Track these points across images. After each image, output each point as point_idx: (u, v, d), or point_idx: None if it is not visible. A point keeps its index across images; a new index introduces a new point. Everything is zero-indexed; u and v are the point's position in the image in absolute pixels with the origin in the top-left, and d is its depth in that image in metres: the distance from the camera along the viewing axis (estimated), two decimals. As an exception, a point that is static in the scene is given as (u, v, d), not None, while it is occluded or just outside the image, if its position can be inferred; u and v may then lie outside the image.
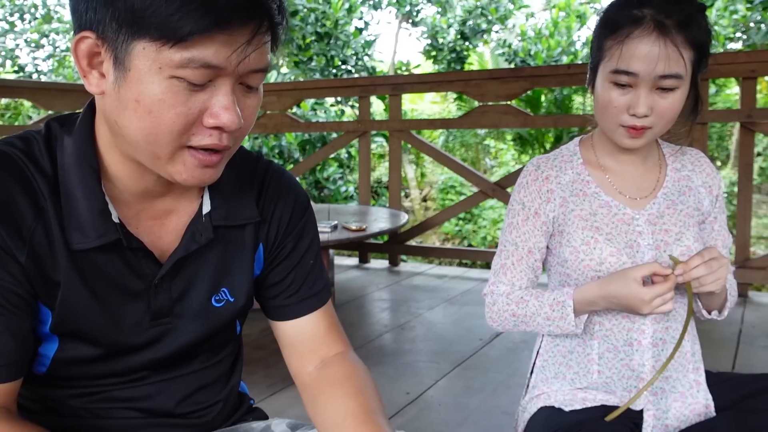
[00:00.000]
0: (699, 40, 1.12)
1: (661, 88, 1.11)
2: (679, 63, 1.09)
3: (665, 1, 1.11)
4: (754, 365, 2.50)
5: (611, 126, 1.18)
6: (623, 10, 1.14)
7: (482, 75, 4.15)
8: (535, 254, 1.27)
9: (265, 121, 4.60)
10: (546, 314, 1.21)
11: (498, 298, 1.27)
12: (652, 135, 1.17)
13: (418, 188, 11.20)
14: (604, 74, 1.16)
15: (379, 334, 2.97)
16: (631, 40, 1.10)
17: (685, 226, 1.24)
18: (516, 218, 1.27)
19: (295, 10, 8.19)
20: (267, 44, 0.74)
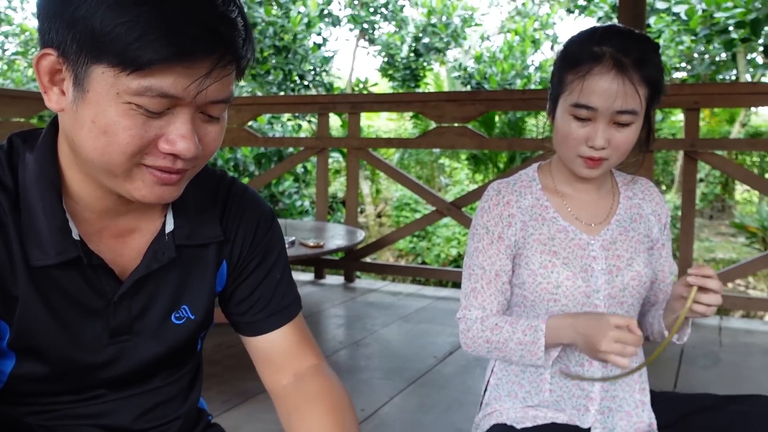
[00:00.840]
0: (653, 78, 1.18)
1: (617, 122, 1.17)
2: (635, 99, 1.15)
3: (624, 40, 1.17)
4: (695, 384, 2.61)
5: (570, 156, 1.23)
6: (584, 47, 1.19)
7: (440, 97, 4.25)
8: (502, 277, 1.29)
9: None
10: (518, 339, 1.22)
11: (472, 324, 1.28)
12: (608, 166, 1.22)
13: (373, 204, 11.26)
14: (564, 107, 1.21)
15: (335, 350, 2.98)
16: (591, 76, 1.16)
17: (636, 252, 1.30)
18: (481, 242, 1.29)
19: (253, 22, 8.19)
20: (230, 76, 0.74)
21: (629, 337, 1.11)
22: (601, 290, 1.25)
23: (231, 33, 0.71)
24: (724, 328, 3.41)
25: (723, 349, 3.06)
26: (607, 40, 1.18)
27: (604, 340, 1.11)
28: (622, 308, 1.28)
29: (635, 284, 1.28)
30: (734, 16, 5.85)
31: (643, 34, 1.24)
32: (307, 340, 1.01)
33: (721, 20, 6.15)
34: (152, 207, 0.86)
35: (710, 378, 2.69)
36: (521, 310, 1.32)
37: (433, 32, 10.06)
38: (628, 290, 1.27)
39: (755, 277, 8.25)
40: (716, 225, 10.95)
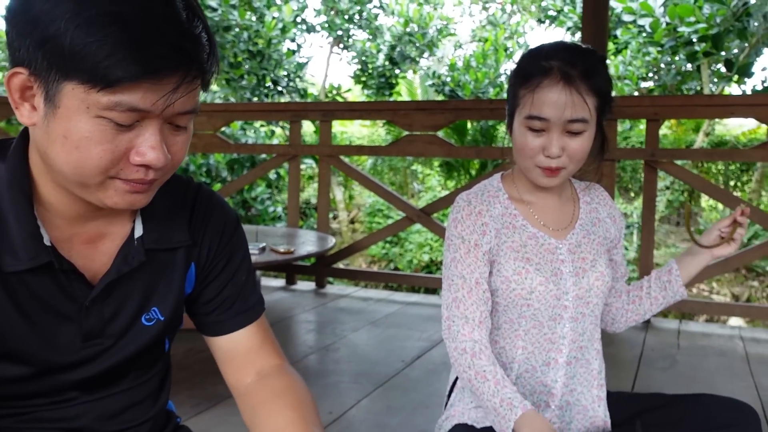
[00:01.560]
0: (601, 88, 1.26)
1: (570, 131, 1.23)
2: (584, 108, 1.22)
3: (570, 54, 1.26)
4: (652, 385, 2.71)
5: (528, 166, 1.29)
6: (533, 62, 1.27)
7: (410, 106, 4.32)
8: (482, 284, 1.31)
9: (195, 141, 4.59)
10: (494, 405, 1.21)
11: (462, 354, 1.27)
12: (566, 174, 1.29)
13: (346, 210, 11.30)
14: (519, 120, 1.28)
15: (304, 355, 3.02)
16: (541, 89, 1.23)
17: (597, 253, 1.37)
18: (458, 252, 1.31)
19: (228, 26, 8.18)
20: (196, 89, 0.77)
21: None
22: (570, 292, 1.31)
23: (196, 49, 0.74)
24: (683, 331, 3.53)
25: (680, 352, 3.17)
26: (554, 55, 1.25)
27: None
28: (588, 308, 1.34)
29: (599, 284, 1.35)
30: (697, 30, 6.02)
31: (589, 48, 1.32)
32: (270, 341, 1.05)
33: (685, 34, 6.33)
34: (121, 213, 0.89)
35: (667, 379, 2.79)
36: (493, 314, 1.36)
37: (410, 41, 10.15)
38: (594, 290, 1.34)
39: (718, 282, 8.47)
40: (683, 232, 11.17)
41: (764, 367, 2.95)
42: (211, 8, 7.84)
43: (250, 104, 4.65)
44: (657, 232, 10.33)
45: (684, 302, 3.68)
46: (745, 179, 11.35)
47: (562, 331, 1.32)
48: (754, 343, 3.34)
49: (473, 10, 12.96)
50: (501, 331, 1.34)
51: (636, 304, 1.48)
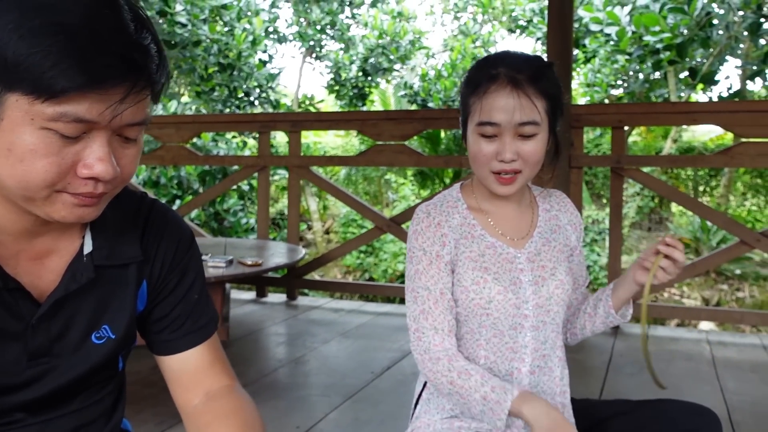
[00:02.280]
0: (549, 91, 1.27)
1: (522, 135, 1.24)
2: (533, 111, 1.23)
3: (516, 60, 1.27)
4: (620, 391, 2.72)
5: (484, 174, 1.29)
6: (481, 70, 1.28)
7: (379, 116, 4.32)
8: (446, 295, 1.29)
9: (163, 153, 4.54)
10: (485, 393, 1.20)
11: (438, 360, 1.27)
12: (522, 180, 1.28)
13: (320, 221, 11.27)
14: (472, 128, 1.28)
15: (274, 368, 2.99)
16: (489, 94, 1.24)
17: (558, 261, 1.37)
18: (420, 264, 1.30)
19: (198, 40, 8.14)
20: (145, 100, 0.75)
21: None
22: (530, 301, 1.30)
23: (144, 60, 0.73)
24: (652, 336, 3.55)
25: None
26: (500, 62, 1.27)
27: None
28: (548, 316, 1.33)
29: (559, 292, 1.34)
30: (662, 40, 6.13)
31: (536, 55, 1.34)
32: (221, 361, 1.02)
33: (650, 42, 6.44)
34: (70, 228, 0.87)
35: (634, 385, 2.81)
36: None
37: (383, 53, 10.19)
38: (554, 299, 1.33)
39: (689, 286, 8.59)
40: (654, 237, 11.34)
41: (730, 371, 2.98)
42: (180, 24, 7.79)
43: (218, 115, 4.62)
44: (629, 238, 10.46)
45: (652, 307, 3.72)
46: (713, 184, 11.54)
47: (524, 341, 1.31)
48: (721, 347, 3.38)
49: (445, 19, 13.06)
50: (463, 341, 1.33)
51: (576, 317, 1.47)
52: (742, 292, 8.40)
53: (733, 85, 7.44)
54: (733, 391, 2.71)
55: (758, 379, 2.88)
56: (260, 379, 2.83)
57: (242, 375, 2.87)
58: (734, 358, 3.18)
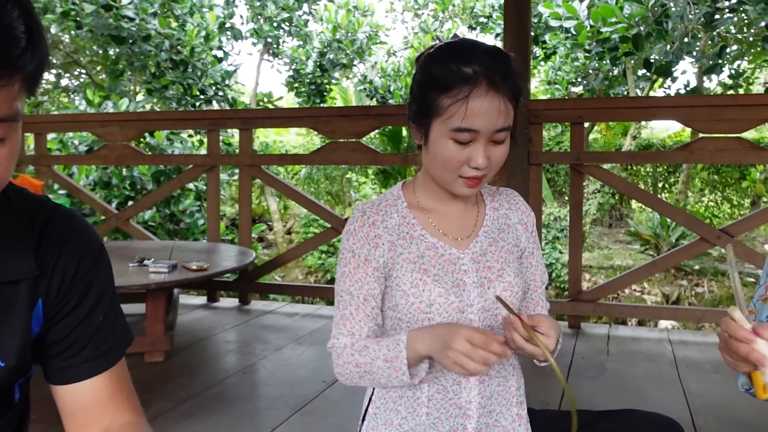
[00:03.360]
0: (517, 90, 1.18)
1: (494, 140, 1.16)
2: (510, 115, 1.15)
3: (489, 58, 1.15)
4: (581, 396, 2.62)
5: (450, 178, 1.20)
6: (452, 68, 1.14)
7: (332, 112, 4.17)
8: (371, 301, 1.24)
9: (106, 153, 4.31)
10: (384, 355, 1.17)
11: (342, 350, 1.24)
12: (484, 181, 1.21)
13: (281, 221, 11.06)
14: (442, 131, 1.16)
15: (220, 379, 2.81)
16: (471, 99, 1.12)
17: (506, 262, 1.28)
18: (348, 267, 1.25)
19: (147, 35, 7.87)
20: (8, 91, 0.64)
21: (479, 337, 1.06)
22: (475, 304, 1.23)
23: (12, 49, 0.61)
24: (613, 336, 3.48)
25: (610, 359, 3.11)
26: (474, 59, 1.14)
27: (456, 339, 1.06)
28: (496, 320, 1.25)
29: (507, 295, 1.26)
30: (618, 30, 6.12)
31: (496, 47, 1.22)
32: (124, 393, 0.89)
33: (608, 35, 6.43)
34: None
35: (595, 389, 2.71)
36: (398, 331, 1.27)
37: (339, 48, 10.03)
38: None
39: (649, 282, 8.65)
40: (615, 233, 11.45)
41: (692, 372, 2.92)
42: (128, 18, 7.51)
43: (164, 113, 4.42)
44: (591, 235, 10.51)
45: (611, 307, 3.65)
46: (672, 180, 11.71)
47: None
48: (682, 346, 3.32)
49: (406, 17, 12.95)
50: None
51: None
52: (701, 288, 8.48)
53: (690, 82, 7.49)
54: (696, 394, 2.64)
55: (720, 380, 2.81)
56: (204, 391, 2.66)
57: (186, 387, 2.70)
58: (696, 358, 3.12)
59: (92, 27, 7.80)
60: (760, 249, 8.90)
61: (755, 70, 9.58)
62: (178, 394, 2.62)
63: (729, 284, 7.94)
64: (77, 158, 5.10)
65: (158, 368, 2.95)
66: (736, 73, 7.90)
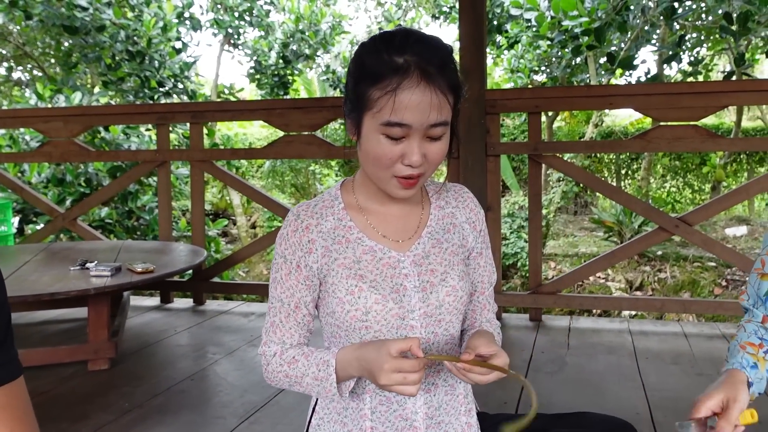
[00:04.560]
0: (455, 82, 1.09)
1: (430, 136, 1.07)
2: (446, 109, 1.07)
3: (424, 47, 1.06)
4: (540, 393, 2.53)
5: (384, 177, 1.12)
6: (384, 57, 1.06)
7: (285, 104, 4.04)
8: (302, 309, 1.19)
9: (50, 150, 4.12)
10: (314, 374, 1.13)
11: (271, 358, 1.19)
12: (423, 181, 1.13)
13: (245, 215, 10.87)
14: (373, 126, 1.08)
15: (166, 387, 2.69)
16: (401, 91, 1.04)
17: (450, 265, 1.21)
18: (279, 273, 1.19)
19: (101, 25, 7.60)
20: None
21: (406, 364, 1.01)
22: (416, 310, 1.16)
23: None
24: (574, 328, 3.44)
25: (570, 352, 3.06)
26: (407, 48, 1.06)
27: (382, 375, 1.02)
28: (440, 326, 1.19)
29: (451, 300, 1.19)
30: (580, 24, 6.08)
31: (438, 37, 1.13)
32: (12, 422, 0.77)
33: (569, 27, 6.39)
34: None
35: (555, 385, 2.66)
36: (337, 341, 1.20)
37: (302, 39, 9.84)
38: (445, 306, 1.18)
39: (613, 269, 8.69)
40: (580, 221, 11.51)
41: (651, 364, 2.88)
42: (81, 8, 7.24)
43: (110, 107, 4.25)
44: (555, 223, 10.54)
45: (572, 298, 3.60)
46: (635, 167, 11.80)
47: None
48: (642, 336, 3.29)
49: (369, 5, 12.80)
50: None
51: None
52: (664, 273, 8.56)
53: (650, 70, 7.50)
54: (655, 387, 2.60)
55: (680, 371, 2.78)
56: (148, 401, 2.53)
57: (129, 397, 2.57)
58: (656, 349, 3.09)
59: (43, 17, 7.51)
60: (721, 233, 9.01)
61: (714, 57, 9.67)
62: (120, 405, 2.49)
63: (691, 269, 8.05)
64: (19, 155, 4.88)
65: (101, 377, 2.81)
66: (695, 60, 7.95)
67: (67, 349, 2.91)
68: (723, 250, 3.40)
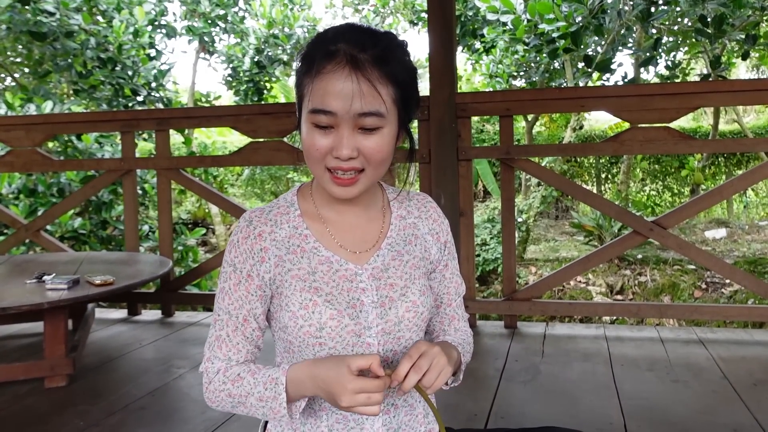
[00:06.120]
0: (399, 76, 1.03)
1: (363, 127, 1.01)
2: (377, 100, 1.00)
3: (360, 36, 1.02)
4: (513, 403, 2.49)
5: (318, 171, 1.05)
6: (318, 45, 1.02)
7: (252, 110, 3.95)
8: (251, 323, 1.11)
9: (12, 159, 4.00)
10: (260, 393, 1.05)
11: (214, 376, 1.11)
12: (365, 181, 1.06)
13: (223, 224, 10.74)
14: (305, 116, 1.03)
15: (124, 404, 2.58)
16: (323, 75, 0.99)
17: (410, 279, 1.14)
18: (228, 282, 1.10)
19: (69, 30, 7.45)
20: None
21: (371, 385, 0.95)
22: (373, 326, 1.09)
23: None
24: (549, 335, 3.37)
25: (544, 360, 2.99)
26: (341, 36, 1.01)
27: (345, 396, 0.95)
28: (399, 344, 1.12)
29: (411, 316, 1.12)
30: (559, 28, 6.05)
31: (388, 32, 1.07)
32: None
33: (545, 31, 6.36)
34: None
35: (528, 395, 2.58)
36: (289, 356, 1.13)
37: (275, 44, 9.75)
38: (404, 323, 1.11)
39: (594, 273, 8.67)
40: (560, 225, 11.51)
41: (626, 371, 2.82)
42: (48, 13, 7.10)
43: (73, 114, 4.13)
44: (536, 227, 10.52)
45: (547, 305, 3.54)
46: (615, 171, 11.83)
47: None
48: (618, 342, 3.23)
49: (346, 12, 12.74)
50: None
51: None
52: (644, 277, 8.55)
53: (627, 74, 7.50)
54: (630, 396, 2.53)
55: (655, 378, 2.72)
56: (105, 419, 2.42)
57: (85, 416, 2.46)
58: (631, 355, 3.03)
59: (9, 23, 7.35)
60: (700, 236, 9.03)
61: (690, 61, 9.71)
62: (75, 424, 2.38)
63: (671, 272, 8.04)
64: (-21, 166, 4.73)
65: (58, 394, 2.70)
66: (672, 64, 7.96)
67: (22, 365, 2.79)
68: (698, 253, 3.35)
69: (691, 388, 2.55)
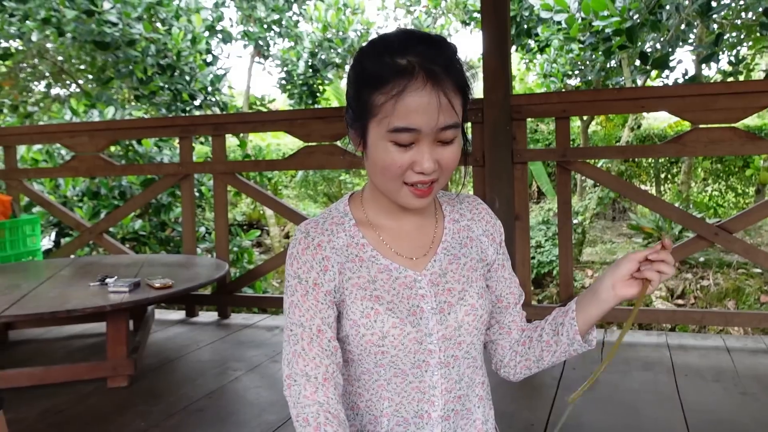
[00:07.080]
0: (463, 83, 1.02)
1: (441, 140, 1.00)
2: (456, 111, 0.99)
3: (427, 47, 0.99)
4: (570, 414, 2.43)
5: (394, 187, 1.04)
6: (386, 60, 0.99)
7: (306, 114, 3.98)
8: (326, 332, 1.06)
9: (77, 165, 4.14)
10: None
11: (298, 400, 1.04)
12: (437, 189, 1.06)
13: (278, 225, 10.89)
14: (379, 134, 1.01)
15: (183, 406, 2.63)
16: (407, 94, 0.96)
17: (468, 282, 1.13)
18: (295, 295, 1.08)
19: (131, 39, 7.70)
20: None
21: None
22: (434, 333, 1.08)
23: None
24: (608, 342, 3.28)
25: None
26: (409, 50, 0.99)
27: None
28: (460, 349, 1.11)
29: (470, 320, 1.11)
30: (611, 24, 5.90)
31: (442, 36, 1.05)
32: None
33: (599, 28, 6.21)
34: None
35: (586, 404, 2.51)
36: (348, 366, 1.12)
37: (330, 47, 9.84)
38: (464, 327, 1.10)
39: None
40: (618, 227, 11.22)
41: (691, 381, 2.72)
42: (111, 23, 7.34)
43: (133, 120, 4.25)
44: (592, 229, 10.29)
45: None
46: (674, 171, 11.46)
47: (432, 380, 1.10)
48: (681, 351, 3.12)
49: (398, 14, 12.74)
50: (361, 382, 1.12)
51: (525, 346, 1.21)
52: (706, 281, 8.26)
53: (688, 71, 7.25)
54: (695, 408, 2.44)
55: (721, 389, 2.61)
56: (164, 420, 2.48)
57: (146, 416, 2.52)
58: (696, 365, 2.92)
59: (75, 33, 7.64)
60: (766, 238, 8.67)
61: (755, 56, 9.33)
62: (137, 424, 2.45)
63: (735, 276, 7.72)
64: (47, 171, 4.92)
65: (120, 395, 2.77)
66: (735, 60, 7.65)
67: (86, 366, 2.88)
68: (766, 258, 3.20)
69: (760, 401, 2.43)
